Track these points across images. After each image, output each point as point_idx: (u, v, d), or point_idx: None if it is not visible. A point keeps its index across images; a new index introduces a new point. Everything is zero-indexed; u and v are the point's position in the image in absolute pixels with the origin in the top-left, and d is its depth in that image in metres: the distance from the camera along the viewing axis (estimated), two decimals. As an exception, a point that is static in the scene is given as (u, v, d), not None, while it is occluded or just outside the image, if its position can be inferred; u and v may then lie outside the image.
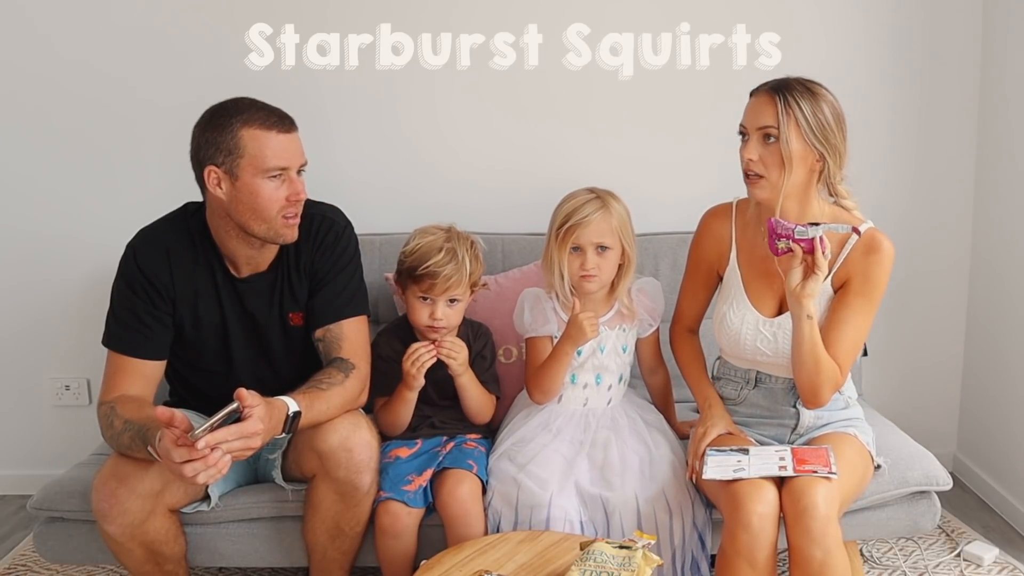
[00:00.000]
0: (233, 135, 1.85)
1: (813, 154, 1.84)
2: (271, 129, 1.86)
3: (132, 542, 1.84)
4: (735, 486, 1.77)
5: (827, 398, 1.91)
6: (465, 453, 2.05)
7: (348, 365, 1.96)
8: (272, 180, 1.88)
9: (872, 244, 1.90)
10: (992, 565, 2.34)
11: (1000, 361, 2.63)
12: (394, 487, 1.96)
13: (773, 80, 1.88)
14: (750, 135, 1.86)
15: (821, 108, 1.83)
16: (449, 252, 2.03)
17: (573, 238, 2.03)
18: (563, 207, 2.07)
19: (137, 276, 1.95)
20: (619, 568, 1.60)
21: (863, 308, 1.90)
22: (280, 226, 1.92)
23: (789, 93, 1.83)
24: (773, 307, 1.98)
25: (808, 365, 1.87)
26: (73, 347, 2.78)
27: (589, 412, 2.12)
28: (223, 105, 1.89)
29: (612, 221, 2.04)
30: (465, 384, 2.10)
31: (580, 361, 2.11)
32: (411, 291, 2.07)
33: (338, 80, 2.63)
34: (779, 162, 1.83)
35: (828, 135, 1.83)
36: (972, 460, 2.80)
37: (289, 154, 1.89)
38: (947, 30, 2.64)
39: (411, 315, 2.09)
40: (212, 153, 1.86)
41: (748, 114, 1.88)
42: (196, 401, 2.08)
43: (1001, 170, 2.60)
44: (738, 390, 2.04)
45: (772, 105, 1.83)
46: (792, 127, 1.82)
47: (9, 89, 2.66)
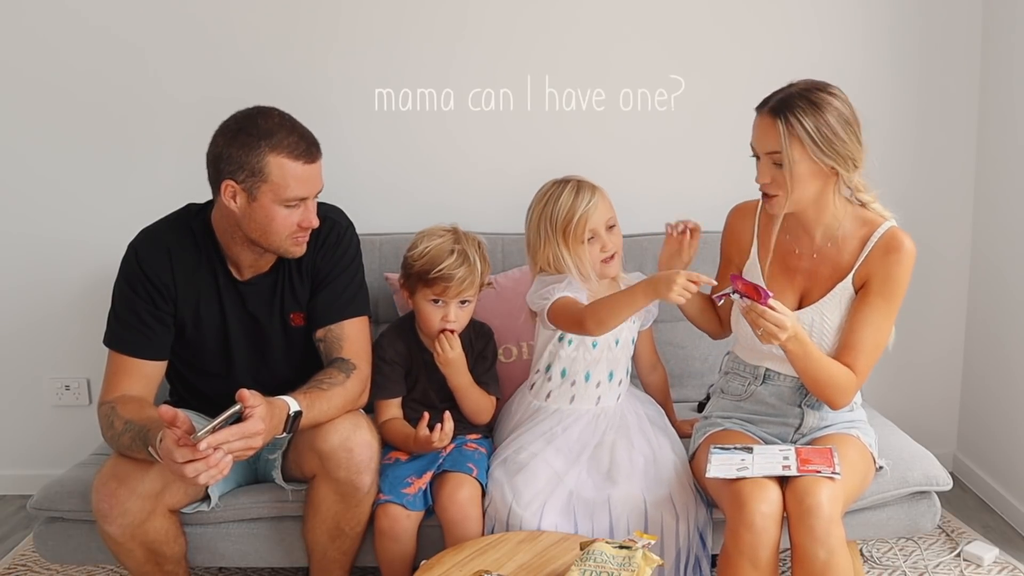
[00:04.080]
0: (260, 158, 1.83)
1: (824, 168, 1.83)
2: (298, 159, 1.85)
3: (132, 542, 1.84)
4: (738, 485, 1.77)
5: (844, 402, 1.92)
6: (465, 455, 2.05)
7: (349, 365, 1.96)
8: (289, 208, 1.87)
9: (892, 243, 1.89)
10: (992, 565, 2.34)
11: (1000, 361, 2.63)
12: (393, 490, 1.95)
13: (776, 95, 1.84)
14: (760, 157, 1.85)
15: (826, 120, 1.79)
16: (460, 255, 2.03)
17: (585, 230, 2.01)
18: (556, 208, 2.03)
19: (139, 276, 1.95)
20: (619, 568, 1.60)
21: (883, 308, 1.90)
22: (289, 245, 1.92)
23: (791, 113, 1.79)
24: (793, 302, 1.97)
25: (810, 385, 1.90)
26: (73, 347, 2.78)
27: (602, 411, 2.12)
28: (252, 120, 1.86)
29: (605, 197, 2.05)
30: (459, 386, 2.09)
31: (595, 356, 2.09)
32: (421, 294, 2.06)
33: (347, 79, 2.63)
34: (787, 182, 1.82)
35: (836, 146, 1.80)
36: (972, 460, 2.80)
37: (310, 184, 1.89)
38: (947, 29, 2.64)
39: (422, 319, 2.08)
40: (234, 169, 1.85)
41: (755, 136, 1.86)
42: (197, 401, 2.08)
43: (1001, 169, 2.60)
44: (745, 385, 2.04)
45: (774, 129, 1.80)
46: (796, 148, 1.79)
47: (10, 89, 2.66)
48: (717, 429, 2.01)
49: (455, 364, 2.07)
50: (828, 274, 1.94)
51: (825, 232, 1.93)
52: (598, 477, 1.97)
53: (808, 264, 1.96)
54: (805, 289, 1.97)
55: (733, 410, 2.05)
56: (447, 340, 2.05)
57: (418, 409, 2.08)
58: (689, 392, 2.49)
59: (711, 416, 2.07)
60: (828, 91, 1.83)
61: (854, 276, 1.92)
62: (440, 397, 2.13)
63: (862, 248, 1.91)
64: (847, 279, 1.92)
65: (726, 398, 2.07)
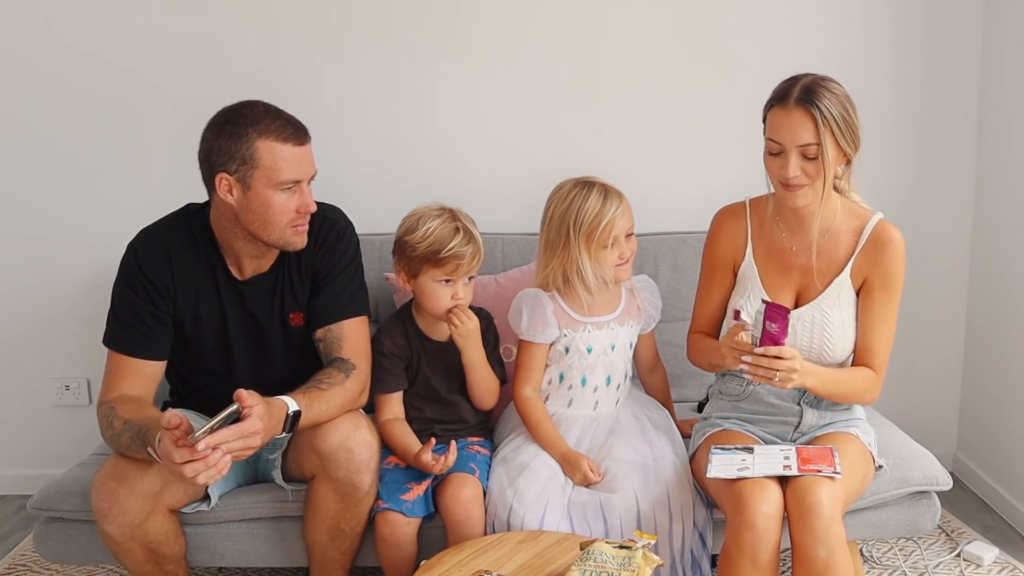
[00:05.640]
0: (248, 145, 1.84)
1: (842, 154, 1.85)
2: (287, 142, 1.86)
3: (132, 542, 1.84)
4: (739, 485, 1.77)
5: (873, 400, 1.98)
6: (467, 457, 2.04)
7: (348, 365, 1.96)
8: (284, 192, 1.88)
9: (882, 237, 1.92)
10: (992, 565, 2.34)
11: (1000, 361, 2.63)
12: (392, 496, 1.95)
13: (792, 88, 1.83)
14: (787, 152, 1.83)
15: (844, 106, 1.82)
16: (464, 232, 2.02)
17: (608, 236, 2.00)
18: (582, 210, 2.00)
19: (138, 276, 1.95)
20: (619, 568, 1.60)
21: (888, 304, 1.93)
22: (290, 235, 1.92)
23: (820, 103, 1.79)
24: (791, 301, 1.98)
25: (839, 400, 1.98)
26: (73, 347, 2.78)
27: (599, 416, 2.11)
28: (238, 111, 1.88)
29: (628, 205, 2.04)
30: (473, 362, 2.07)
31: (591, 362, 2.08)
32: (428, 276, 2.03)
33: (341, 80, 2.64)
34: (820, 172, 1.83)
35: (855, 130, 1.84)
36: (972, 460, 2.80)
37: (302, 167, 1.89)
38: (947, 29, 2.64)
39: (430, 300, 2.04)
40: (225, 160, 1.85)
41: (783, 131, 1.83)
42: (196, 401, 2.08)
43: (1002, 170, 2.60)
44: (743, 386, 2.03)
45: (810, 121, 1.79)
46: (829, 136, 1.80)
47: (10, 90, 2.66)
48: (717, 430, 2.00)
49: (473, 335, 2.05)
50: (825, 268, 1.94)
51: (822, 225, 1.92)
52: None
53: (804, 260, 1.96)
54: (802, 286, 1.97)
55: (732, 411, 2.05)
56: (463, 313, 2.04)
57: (421, 406, 2.08)
58: (689, 392, 2.49)
59: (710, 417, 2.07)
60: (831, 80, 1.86)
61: (852, 270, 1.94)
62: (445, 387, 2.11)
63: (856, 241, 1.94)
64: (844, 273, 1.94)
65: (724, 399, 2.07)
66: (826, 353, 1.94)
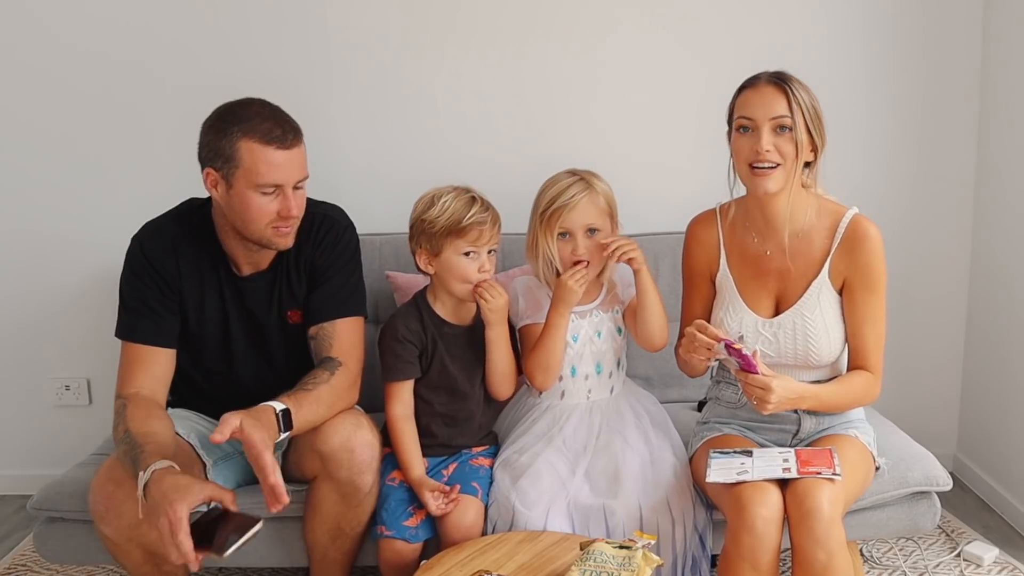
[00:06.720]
0: (231, 143, 1.83)
1: (811, 143, 1.86)
2: (270, 144, 1.83)
3: (130, 543, 1.83)
4: (739, 488, 1.77)
5: (873, 400, 1.98)
6: (470, 473, 2.02)
7: (335, 363, 1.94)
8: (265, 195, 1.86)
9: (857, 233, 1.90)
10: (992, 565, 2.34)
11: (1000, 362, 2.63)
12: (395, 523, 1.94)
13: (767, 73, 1.88)
14: (760, 127, 1.84)
15: (812, 96, 1.86)
16: (480, 202, 2.01)
17: (560, 222, 2.00)
18: (547, 192, 2.03)
19: (144, 265, 1.95)
20: (619, 568, 1.60)
21: (873, 301, 1.91)
22: (270, 235, 1.90)
23: (790, 84, 1.84)
24: (770, 308, 1.97)
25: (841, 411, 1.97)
26: (73, 347, 2.78)
27: (594, 405, 2.11)
28: (231, 107, 1.88)
29: (599, 201, 2.02)
30: (496, 338, 2.04)
31: (578, 351, 2.08)
32: (452, 249, 1.99)
33: (342, 79, 2.64)
34: (792, 151, 1.84)
35: (822, 120, 1.86)
36: (972, 460, 2.80)
37: (285, 171, 1.85)
38: (947, 29, 2.64)
39: (457, 276, 2.00)
40: (212, 156, 1.85)
41: (754, 106, 1.85)
42: (197, 400, 2.08)
43: (1002, 171, 2.60)
44: (739, 394, 2.01)
45: (782, 94, 1.83)
46: (800, 117, 1.82)
47: (10, 90, 2.66)
48: (716, 434, 2.00)
49: (503, 311, 2.03)
50: (802, 271, 1.93)
51: (794, 226, 1.92)
52: (596, 484, 1.96)
53: (780, 264, 1.94)
54: (780, 291, 1.95)
55: (730, 417, 2.04)
56: (492, 287, 2.01)
57: (431, 398, 2.05)
58: (689, 392, 2.49)
59: (709, 421, 2.06)
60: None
61: (829, 270, 1.92)
62: (462, 375, 2.07)
63: (831, 239, 1.92)
64: (822, 274, 1.92)
65: (722, 405, 2.07)
66: (812, 358, 1.93)
